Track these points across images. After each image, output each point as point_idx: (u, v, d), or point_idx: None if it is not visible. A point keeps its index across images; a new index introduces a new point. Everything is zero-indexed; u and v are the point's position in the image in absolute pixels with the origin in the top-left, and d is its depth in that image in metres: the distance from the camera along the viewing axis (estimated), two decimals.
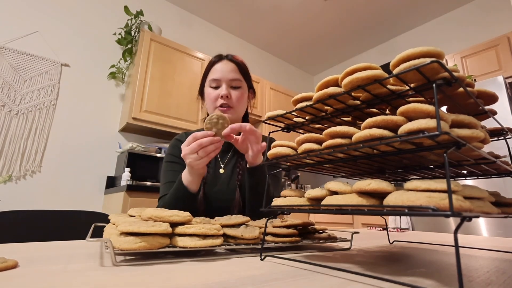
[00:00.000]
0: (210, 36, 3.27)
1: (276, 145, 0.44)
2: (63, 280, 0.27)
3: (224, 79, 0.91)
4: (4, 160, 1.90)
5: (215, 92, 0.91)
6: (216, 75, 0.92)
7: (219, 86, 0.92)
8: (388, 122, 0.32)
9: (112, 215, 0.51)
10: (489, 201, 0.33)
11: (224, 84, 0.91)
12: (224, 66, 0.93)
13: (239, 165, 0.93)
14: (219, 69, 0.92)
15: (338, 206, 0.34)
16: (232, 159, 0.96)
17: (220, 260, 0.40)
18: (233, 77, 0.92)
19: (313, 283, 0.29)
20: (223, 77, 0.91)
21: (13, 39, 2.03)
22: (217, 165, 0.94)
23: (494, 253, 0.54)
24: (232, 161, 0.95)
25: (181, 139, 0.96)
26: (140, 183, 2.04)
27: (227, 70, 0.92)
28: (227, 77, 0.91)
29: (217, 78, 0.91)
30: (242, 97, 0.94)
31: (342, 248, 0.55)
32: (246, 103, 0.99)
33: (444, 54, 0.32)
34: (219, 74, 0.92)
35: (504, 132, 0.44)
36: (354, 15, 3.10)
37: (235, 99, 0.92)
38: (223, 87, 0.91)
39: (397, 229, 1.04)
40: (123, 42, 2.44)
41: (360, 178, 0.54)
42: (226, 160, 0.95)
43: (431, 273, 0.35)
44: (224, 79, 0.91)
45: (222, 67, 0.93)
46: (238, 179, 0.90)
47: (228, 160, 0.95)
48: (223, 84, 0.91)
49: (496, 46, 2.34)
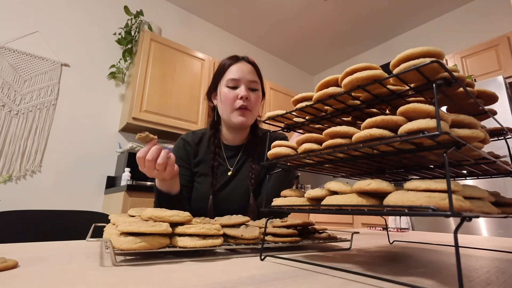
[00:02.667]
0: (210, 36, 3.27)
1: (276, 145, 0.44)
2: (63, 280, 0.27)
3: (243, 80, 0.88)
4: (4, 160, 1.90)
5: (232, 92, 0.88)
6: (235, 74, 0.88)
7: (237, 86, 0.89)
8: (388, 122, 0.32)
9: (112, 215, 0.51)
10: (489, 201, 0.33)
11: (243, 85, 0.88)
12: (243, 67, 0.90)
13: (251, 168, 0.90)
14: (238, 69, 0.89)
15: (338, 206, 0.34)
16: (241, 161, 0.93)
17: (220, 260, 0.40)
18: (252, 79, 0.89)
19: (313, 283, 0.29)
20: (242, 77, 0.88)
21: (13, 39, 2.03)
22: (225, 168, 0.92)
23: (494, 253, 0.54)
24: (241, 164, 0.93)
25: (187, 139, 0.94)
26: (140, 183, 2.04)
27: (246, 70, 0.90)
28: (247, 78, 0.89)
29: (237, 78, 0.88)
30: (259, 100, 0.92)
31: (342, 248, 0.55)
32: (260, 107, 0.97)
33: (444, 54, 0.32)
34: (239, 74, 0.88)
35: (504, 132, 0.44)
36: (354, 15, 3.10)
37: (254, 101, 0.89)
38: (242, 88, 0.87)
39: (397, 229, 1.04)
40: (123, 42, 2.44)
41: (360, 178, 0.54)
42: (235, 162, 0.93)
43: (431, 273, 0.35)
44: (244, 80, 0.88)
45: (241, 67, 0.90)
46: (251, 184, 0.88)
47: (237, 163, 0.93)
48: (241, 85, 0.88)
49: (496, 46, 2.34)
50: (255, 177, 0.89)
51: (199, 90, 2.61)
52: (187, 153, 0.92)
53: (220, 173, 0.90)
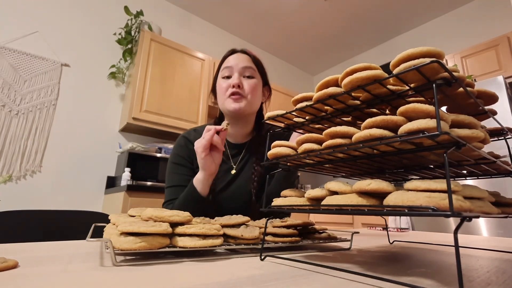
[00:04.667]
0: (210, 36, 3.27)
1: (276, 145, 0.44)
2: (63, 280, 0.27)
3: (236, 67, 0.88)
4: (4, 160, 1.90)
5: (226, 82, 0.88)
6: (229, 63, 0.89)
7: (231, 75, 0.88)
8: (388, 122, 0.32)
9: (112, 215, 0.51)
10: (489, 201, 0.33)
11: (236, 73, 0.87)
12: (237, 56, 0.90)
13: (254, 170, 0.89)
14: (232, 59, 0.90)
15: (338, 206, 0.34)
16: (244, 160, 0.92)
17: (220, 260, 0.40)
18: (245, 65, 0.88)
19: (313, 283, 0.29)
20: (235, 65, 0.88)
21: (13, 39, 2.03)
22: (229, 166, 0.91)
23: (494, 253, 0.54)
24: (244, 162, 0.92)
25: (189, 138, 0.92)
26: (140, 183, 2.04)
27: (241, 59, 0.89)
28: (240, 65, 0.88)
29: (229, 65, 0.88)
30: (256, 88, 0.89)
31: (342, 248, 0.55)
32: (261, 97, 0.94)
33: (444, 54, 0.32)
34: (232, 62, 0.89)
35: (504, 132, 0.44)
36: (354, 15, 3.10)
37: (248, 88, 0.87)
38: (235, 76, 0.87)
39: (397, 229, 1.04)
40: (123, 42, 2.44)
41: (360, 178, 0.54)
42: (238, 161, 0.92)
43: (431, 273, 0.35)
44: (237, 67, 0.88)
45: (235, 57, 0.90)
46: (253, 186, 0.86)
47: (240, 161, 0.92)
48: (235, 73, 0.87)
49: (496, 46, 2.34)
50: (258, 180, 0.87)
51: (199, 90, 2.61)
52: (189, 152, 0.90)
53: (223, 172, 0.89)
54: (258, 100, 0.92)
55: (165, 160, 2.19)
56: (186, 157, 0.89)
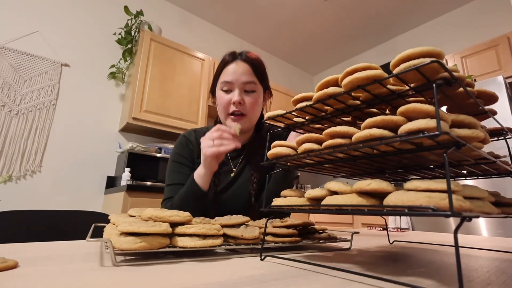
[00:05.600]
0: (210, 36, 3.27)
1: (276, 145, 0.44)
2: (63, 280, 0.27)
3: (236, 83, 0.84)
4: (4, 160, 1.90)
5: (226, 97, 0.85)
6: (228, 77, 0.85)
7: (231, 90, 0.85)
8: (388, 122, 0.32)
9: (112, 215, 0.51)
10: (489, 201, 0.33)
11: (237, 88, 0.84)
12: (237, 68, 0.85)
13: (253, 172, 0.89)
14: (231, 71, 0.85)
15: (338, 206, 0.34)
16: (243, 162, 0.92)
17: (220, 260, 0.40)
18: (246, 80, 0.84)
19: (313, 283, 0.29)
20: (236, 80, 0.84)
21: (13, 39, 2.03)
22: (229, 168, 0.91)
23: (494, 253, 0.54)
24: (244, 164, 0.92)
25: (190, 138, 0.92)
26: (140, 183, 2.04)
27: (241, 71, 0.84)
28: (241, 80, 0.84)
29: (229, 80, 0.84)
30: (256, 102, 0.87)
31: (342, 248, 0.55)
32: (261, 107, 0.92)
33: (444, 54, 0.32)
34: (232, 76, 0.84)
35: (504, 132, 0.44)
36: (354, 15, 3.10)
37: (249, 105, 0.85)
38: (236, 92, 0.84)
39: (397, 229, 1.04)
40: (123, 42, 2.44)
41: (360, 178, 0.54)
42: (238, 163, 0.92)
43: (431, 273, 0.35)
44: (237, 82, 0.84)
45: (235, 68, 0.85)
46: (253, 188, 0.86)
47: (240, 163, 0.92)
48: (235, 89, 0.84)
49: (496, 46, 2.34)
50: (257, 182, 0.87)
51: (199, 90, 2.61)
52: (190, 151, 0.90)
53: (224, 173, 0.89)
54: (258, 112, 0.91)
55: (165, 160, 2.20)
56: (187, 156, 0.90)
